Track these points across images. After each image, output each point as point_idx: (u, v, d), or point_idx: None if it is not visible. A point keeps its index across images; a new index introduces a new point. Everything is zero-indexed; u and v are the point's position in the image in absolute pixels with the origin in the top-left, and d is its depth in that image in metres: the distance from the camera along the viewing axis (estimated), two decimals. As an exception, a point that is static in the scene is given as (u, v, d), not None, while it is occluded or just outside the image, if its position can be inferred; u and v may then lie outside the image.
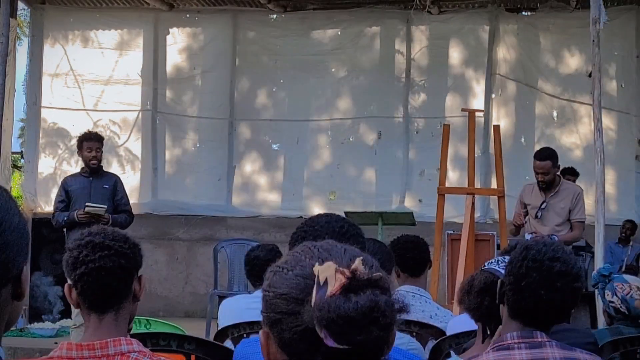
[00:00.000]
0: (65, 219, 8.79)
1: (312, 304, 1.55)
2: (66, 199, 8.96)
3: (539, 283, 2.94)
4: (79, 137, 9.29)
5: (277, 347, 1.63)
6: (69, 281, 2.89)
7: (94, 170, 9.01)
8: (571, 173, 12.06)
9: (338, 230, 3.08)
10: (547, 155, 9.48)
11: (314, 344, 1.55)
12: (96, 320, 2.88)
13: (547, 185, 9.49)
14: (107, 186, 8.99)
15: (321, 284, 1.55)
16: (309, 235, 3.01)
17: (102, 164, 9.23)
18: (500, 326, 3.31)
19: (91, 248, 2.85)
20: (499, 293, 3.06)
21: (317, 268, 1.57)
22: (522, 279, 2.96)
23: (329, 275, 1.54)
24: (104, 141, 9.46)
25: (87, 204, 8.69)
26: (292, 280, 1.61)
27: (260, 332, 1.65)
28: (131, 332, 3.00)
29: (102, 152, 9.12)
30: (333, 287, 1.53)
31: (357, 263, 1.57)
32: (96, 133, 9.42)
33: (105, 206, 8.75)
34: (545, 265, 2.95)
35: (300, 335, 1.57)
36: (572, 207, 9.57)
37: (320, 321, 1.52)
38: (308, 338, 1.55)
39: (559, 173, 9.92)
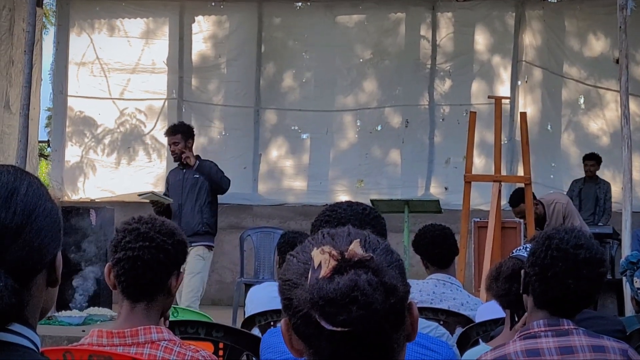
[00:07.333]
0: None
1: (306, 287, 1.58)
2: (167, 193, 9.62)
3: (565, 272, 2.93)
4: None
5: (294, 334, 1.65)
6: (109, 262, 2.90)
7: (180, 163, 9.54)
8: (594, 159, 12.07)
9: (361, 212, 3.04)
10: (517, 201, 9.50)
11: (319, 327, 1.56)
12: (128, 307, 2.89)
13: (538, 222, 9.48)
14: (197, 175, 9.45)
15: (315, 267, 1.57)
16: (332, 222, 2.97)
17: (190, 157, 9.48)
18: (525, 315, 3.31)
19: (135, 236, 2.85)
20: (523, 283, 3.06)
21: (314, 252, 1.59)
22: (548, 269, 2.94)
23: (323, 259, 1.56)
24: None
25: (152, 191, 9.56)
26: (295, 266, 1.64)
27: (282, 320, 1.67)
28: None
29: (185, 143, 9.44)
30: (325, 270, 1.55)
31: (353, 245, 1.58)
32: (172, 125, 9.94)
33: (171, 200, 9.34)
34: (570, 253, 2.93)
35: (303, 319, 1.59)
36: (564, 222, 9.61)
37: (310, 303, 1.54)
38: (312, 322, 1.57)
39: (538, 201, 9.86)
